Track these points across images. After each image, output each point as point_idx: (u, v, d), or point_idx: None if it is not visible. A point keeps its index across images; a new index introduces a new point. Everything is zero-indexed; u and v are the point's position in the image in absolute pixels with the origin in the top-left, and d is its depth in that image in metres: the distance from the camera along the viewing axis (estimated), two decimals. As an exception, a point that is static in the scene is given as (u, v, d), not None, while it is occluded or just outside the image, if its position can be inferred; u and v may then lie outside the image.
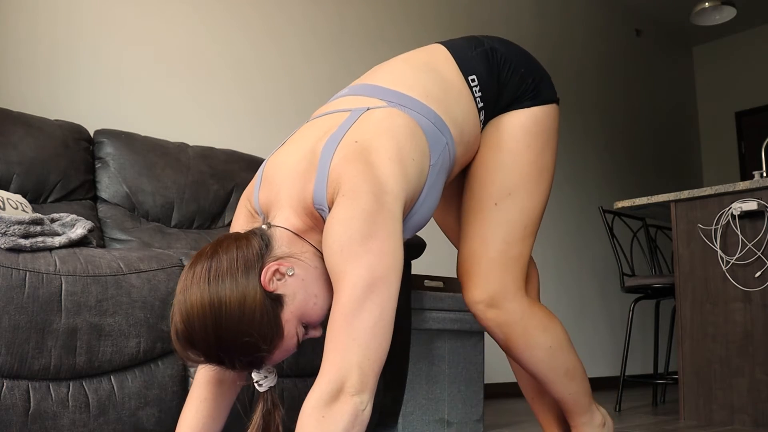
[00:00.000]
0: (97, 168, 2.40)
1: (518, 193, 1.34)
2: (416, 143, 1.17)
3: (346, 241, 1.03)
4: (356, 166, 1.08)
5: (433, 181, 1.21)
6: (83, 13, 2.71)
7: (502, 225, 1.33)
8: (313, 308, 1.12)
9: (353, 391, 1.00)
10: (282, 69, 3.31)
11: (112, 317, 1.58)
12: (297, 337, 1.11)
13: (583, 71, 5.18)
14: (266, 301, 1.06)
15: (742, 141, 6.19)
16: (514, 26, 4.60)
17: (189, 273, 1.08)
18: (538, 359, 1.38)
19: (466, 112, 1.29)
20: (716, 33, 6.23)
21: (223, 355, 1.06)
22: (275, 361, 1.12)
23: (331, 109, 1.25)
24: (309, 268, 1.12)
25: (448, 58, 1.33)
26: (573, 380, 1.42)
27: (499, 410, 3.28)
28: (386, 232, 1.05)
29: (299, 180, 1.14)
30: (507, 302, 1.33)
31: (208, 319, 1.04)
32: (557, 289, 4.61)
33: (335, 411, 0.99)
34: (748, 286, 2.75)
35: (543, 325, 1.37)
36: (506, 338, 1.36)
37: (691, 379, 2.89)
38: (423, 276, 2.58)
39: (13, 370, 1.47)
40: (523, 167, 1.34)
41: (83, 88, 2.67)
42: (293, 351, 1.13)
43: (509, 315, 1.33)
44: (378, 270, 1.03)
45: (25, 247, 1.55)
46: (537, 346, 1.36)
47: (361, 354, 1.01)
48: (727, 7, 4.36)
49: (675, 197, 3.00)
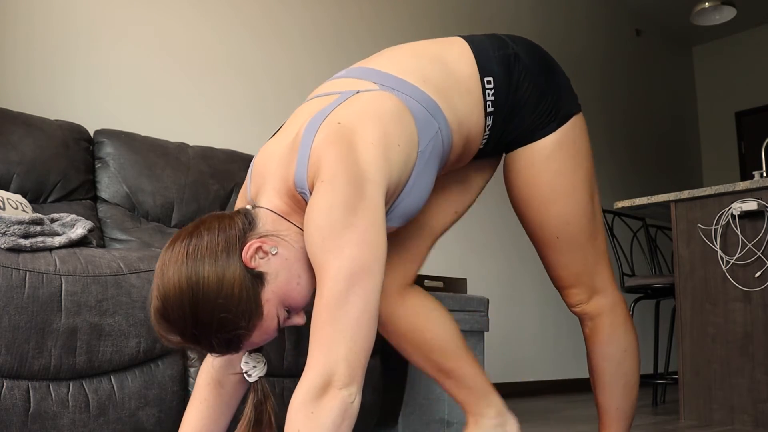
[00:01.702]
0: (97, 168, 2.40)
1: (572, 218, 1.36)
2: (403, 128, 1.13)
3: (326, 231, 1.01)
4: (337, 150, 1.04)
5: (421, 169, 1.17)
6: (83, 12, 2.71)
7: (571, 249, 1.39)
8: (296, 289, 1.10)
9: (341, 384, 0.99)
10: (283, 68, 3.31)
11: (112, 317, 1.58)
12: (278, 320, 1.09)
13: (583, 71, 5.18)
14: (246, 277, 1.04)
15: (742, 141, 6.19)
16: (514, 26, 4.60)
17: (168, 250, 1.07)
18: (611, 357, 1.46)
19: (470, 110, 1.25)
20: (716, 33, 6.23)
21: (199, 333, 1.04)
22: (254, 344, 1.09)
23: (322, 92, 1.23)
24: (293, 249, 1.10)
25: (465, 52, 1.27)
26: (625, 395, 1.49)
27: (499, 410, 3.27)
28: (367, 221, 1.03)
29: (283, 163, 1.12)
30: (599, 297, 1.43)
31: (185, 295, 1.02)
32: (557, 289, 4.60)
33: (324, 405, 0.98)
34: (748, 286, 2.74)
35: (626, 327, 1.47)
36: (593, 328, 1.44)
37: (691, 379, 2.88)
38: (423, 276, 2.57)
39: (13, 370, 1.47)
40: (568, 196, 1.34)
41: (83, 88, 2.67)
42: (273, 335, 1.10)
43: (601, 306, 1.43)
44: (360, 261, 1.01)
45: (25, 247, 1.55)
46: (616, 344, 1.45)
47: (348, 347, 1.00)
48: (727, 7, 4.36)
49: (675, 197, 3.00)
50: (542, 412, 3.17)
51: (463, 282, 2.70)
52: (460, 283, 2.69)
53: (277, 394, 1.87)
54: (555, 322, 4.54)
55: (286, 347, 1.88)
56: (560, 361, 4.52)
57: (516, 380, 4.13)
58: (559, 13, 5.04)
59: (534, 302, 4.41)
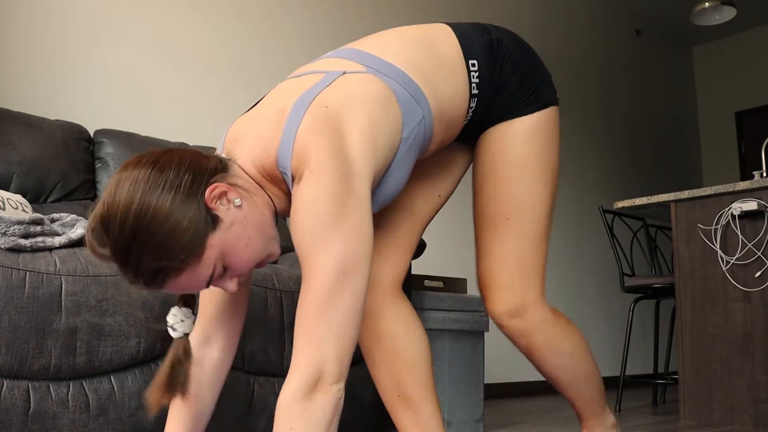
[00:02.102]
0: (97, 168, 2.40)
1: (528, 204, 1.33)
2: (389, 115, 1.13)
3: (316, 224, 1.00)
4: (326, 140, 1.03)
5: (402, 155, 1.17)
6: (83, 12, 2.71)
7: (517, 238, 1.33)
8: (242, 249, 1.06)
9: (332, 380, 0.99)
10: (282, 68, 3.31)
11: (112, 317, 1.58)
12: (212, 271, 1.04)
13: (583, 71, 5.18)
14: (201, 214, 1.01)
15: (742, 141, 6.19)
16: (514, 26, 4.60)
17: (133, 166, 1.02)
18: (560, 365, 1.40)
19: (454, 92, 1.25)
20: (716, 33, 6.23)
21: (132, 253, 0.99)
22: (177, 287, 1.04)
23: (306, 70, 1.21)
24: (256, 211, 1.08)
25: (450, 36, 1.29)
26: (590, 384, 1.45)
27: (499, 410, 3.28)
28: (356, 216, 1.02)
29: (264, 134, 1.10)
30: (529, 312, 1.34)
31: (134, 210, 0.98)
32: (557, 289, 4.61)
33: (317, 402, 0.98)
34: (748, 286, 2.74)
35: (565, 332, 1.39)
36: (528, 346, 1.37)
37: (691, 379, 2.89)
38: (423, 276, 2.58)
39: (13, 370, 1.47)
40: (531, 179, 1.33)
41: (83, 88, 2.67)
42: (200, 287, 1.06)
43: (531, 324, 1.35)
44: (350, 256, 1.00)
45: (25, 247, 1.55)
46: (559, 354, 1.39)
47: (337, 343, 1.00)
48: (727, 7, 4.36)
49: (675, 197, 3.00)
50: (542, 412, 3.17)
51: (463, 282, 2.70)
52: (460, 283, 2.70)
53: (277, 394, 1.87)
54: (555, 322, 4.54)
55: (286, 347, 1.89)
56: (560, 361, 4.51)
57: (516, 380, 4.13)
58: (559, 13, 5.04)
59: (534, 302, 4.41)
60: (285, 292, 1.90)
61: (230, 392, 1.77)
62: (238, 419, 1.81)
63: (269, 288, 1.87)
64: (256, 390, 1.84)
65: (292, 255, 2.54)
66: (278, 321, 1.88)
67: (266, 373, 1.87)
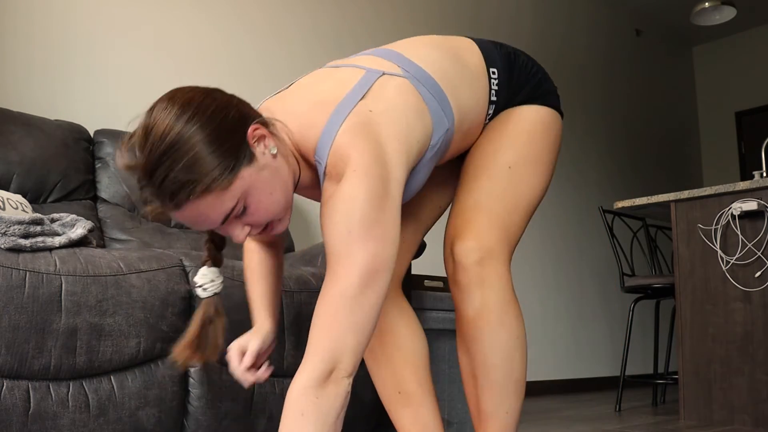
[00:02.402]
0: (97, 168, 2.40)
1: (530, 169, 1.34)
2: (423, 125, 1.18)
3: (355, 222, 1.03)
4: (367, 143, 1.07)
5: (425, 163, 1.22)
6: (83, 12, 2.71)
7: (512, 188, 1.31)
8: (266, 196, 1.07)
9: (345, 374, 1.01)
10: (282, 69, 3.31)
11: (112, 317, 1.58)
12: (233, 207, 1.04)
13: (583, 71, 5.18)
14: (241, 144, 1.04)
15: (742, 141, 6.18)
16: (515, 26, 4.60)
17: (186, 89, 1.08)
18: (501, 346, 1.25)
19: (475, 101, 1.30)
20: (716, 33, 6.23)
21: (164, 161, 0.99)
22: (194, 213, 1.03)
23: (347, 63, 1.24)
24: (285, 169, 1.11)
25: (473, 46, 1.35)
26: (516, 397, 1.28)
27: (499, 410, 3.27)
28: (391, 219, 1.06)
29: (305, 116, 1.13)
30: (498, 264, 1.26)
31: (182, 118, 1.01)
32: (557, 289, 4.61)
33: (329, 393, 1.00)
34: (748, 286, 2.75)
35: (517, 312, 1.28)
36: (482, 305, 1.24)
37: (691, 379, 2.89)
38: (423, 276, 2.58)
39: (13, 370, 1.47)
40: (539, 150, 1.35)
41: (83, 88, 2.67)
42: (215, 221, 1.05)
43: (495, 277, 1.25)
44: (380, 258, 1.04)
45: (25, 247, 1.55)
46: (507, 327, 1.26)
47: (356, 339, 1.02)
48: (727, 7, 4.36)
49: (675, 197, 3.00)
50: (542, 412, 3.17)
51: (463, 282, 2.70)
52: (460, 283, 2.69)
53: (278, 395, 1.87)
54: (555, 323, 4.54)
55: (286, 347, 1.89)
56: (560, 361, 4.52)
57: (516, 380, 4.13)
58: (560, 14, 5.04)
59: (534, 302, 4.41)
60: (285, 292, 1.90)
61: (230, 392, 1.77)
62: (238, 419, 1.81)
63: (269, 288, 1.87)
64: (256, 390, 1.84)
65: (292, 255, 2.54)
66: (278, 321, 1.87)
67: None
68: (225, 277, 1.79)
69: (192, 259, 1.79)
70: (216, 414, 1.75)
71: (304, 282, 1.95)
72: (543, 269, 4.53)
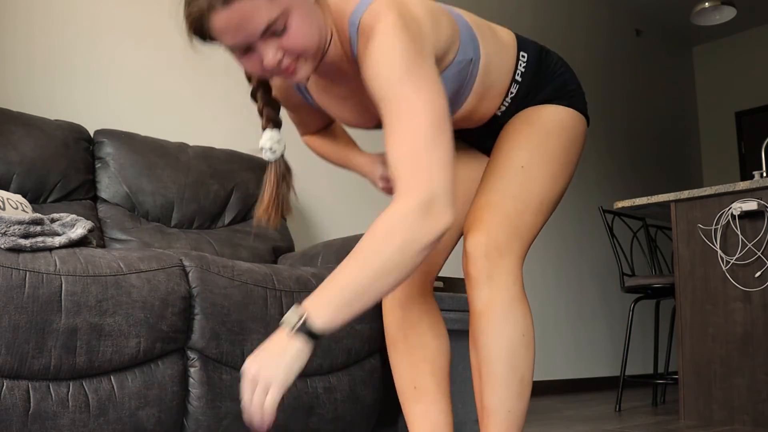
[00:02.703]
0: (97, 168, 2.40)
1: (544, 168, 1.33)
2: (451, 30, 1.22)
3: (405, 70, 1.05)
4: (400, 8, 1.10)
5: (447, 76, 1.24)
6: (83, 13, 2.71)
7: (524, 187, 1.31)
8: (305, 25, 1.08)
9: (443, 210, 1.01)
10: (282, 69, 3.31)
11: (112, 317, 1.58)
12: (276, 18, 1.05)
13: (583, 71, 5.18)
14: None
15: (742, 141, 6.19)
16: (515, 26, 4.60)
17: None
18: (505, 340, 1.23)
19: (501, 62, 1.34)
20: (716, 33, 6.23)
21: None
22: (239, 16, 1.05)
23: None
24: (323, 22, 1.13)
25: (509, 31, 1.41)
26: (520, 396, 1.25)
27: (499, 410, 3.27)
28: (431, 72, 1.08)
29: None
30: (506, 260, 1.25)
31: None
32: (557, 289, 4.61)
33: (428, 223, 1.00)
34: (748, 286, 2.75)
35: (524, 310, 1.26)
36: (489, 299, 1.23)
37: (691, 379, 2.89)
38: (423, 276, 2.57)
39: (13, 370, 1.47)
40: (554, 150, 1.35)
41: (83, 88, 2.67)
42: (255, 29, 1.06)
43: (503, 272, 1.24)
44: (438, 108, 1.06)
45: (25, 247, 1.55)
46: (512, 323, 1.24)
47: (444, 175, 1.02)
48: (727, 7, 4.36)
49: (675, 197, 3.00)
50: (542, 412, 3.17)
51: (463, 282, 2.70)
52: (460, 283, 2.70)
53: (277, 394, 1.87)
54: (555, 323, 4.54)
55: (286, 347, 1.88)
56: (560, 361, 4.52)
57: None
58: (560, 14, 5.04)
59: (534, 303, 4.41)
60: (285, 292, 1.90)
61: (230, 392, 1.77)
62: (238, 419, 1.81)
63: (269, 288, 1.87)
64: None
65: (291, 255, 2.55)
66: (278, 321, 1.87)
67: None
68: (225, 277, 1.80)
69: (192, 259, 1.79)
70: (216, 414, 1.75)
71: (304, 282, 1.95)
72: (543, 269, 4.53)
